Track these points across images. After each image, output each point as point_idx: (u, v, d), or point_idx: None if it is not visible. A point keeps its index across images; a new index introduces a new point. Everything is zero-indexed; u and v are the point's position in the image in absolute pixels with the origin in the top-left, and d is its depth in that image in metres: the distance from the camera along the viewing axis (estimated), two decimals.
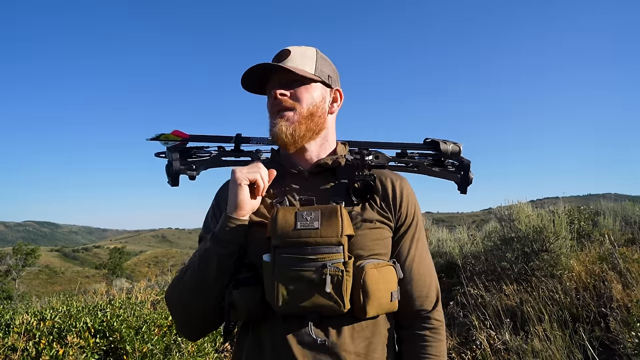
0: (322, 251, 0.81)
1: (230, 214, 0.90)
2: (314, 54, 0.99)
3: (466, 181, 1.10)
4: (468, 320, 3.56)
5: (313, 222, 0.83)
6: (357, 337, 0.85)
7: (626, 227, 6.76)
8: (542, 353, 2.68)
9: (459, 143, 1.13)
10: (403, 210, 0.95)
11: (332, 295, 0.80)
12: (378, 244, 0.90)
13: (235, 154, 1.15)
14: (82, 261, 66.69)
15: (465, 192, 1.11)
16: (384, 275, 0.86)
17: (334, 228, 0.82)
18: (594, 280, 3.87)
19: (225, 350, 3.14)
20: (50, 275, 37.73)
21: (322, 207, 0.86)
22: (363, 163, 0.98)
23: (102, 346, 2.54)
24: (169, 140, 1.15)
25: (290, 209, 0.87)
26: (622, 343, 2.68)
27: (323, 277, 0.79)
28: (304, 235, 0.82)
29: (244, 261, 0.92)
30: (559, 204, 6.06)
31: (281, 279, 0.82)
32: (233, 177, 0.90)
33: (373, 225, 0.90)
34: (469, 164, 1.11)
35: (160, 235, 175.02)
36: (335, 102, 1.02)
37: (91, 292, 7.24)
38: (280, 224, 0.84)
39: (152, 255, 55.96)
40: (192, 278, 0.90)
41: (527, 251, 4.47)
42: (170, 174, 1.09)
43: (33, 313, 2.93)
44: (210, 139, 1.17)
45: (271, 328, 0.86)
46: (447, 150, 1.11)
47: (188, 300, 0.90)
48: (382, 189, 0.96)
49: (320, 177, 0.98)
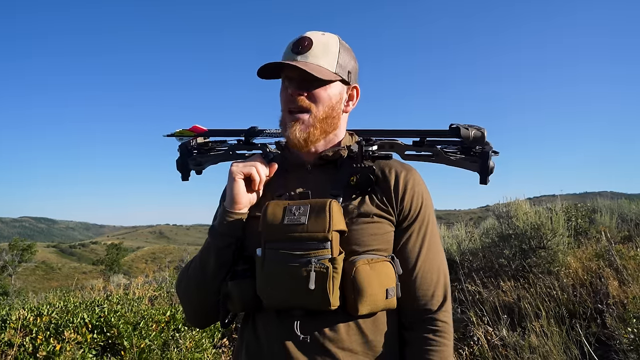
0: (309, 247, 0.79)
1: (227, 208, 0.91)
2: (336, 45, 0.92)
3: (485, 170, 0.97)
4: (466, 316, 3.57)
5: (300, 217, 0.81)
6: (354, 334, 0.83)
7: (622, 224, 6.80)
8: (539, 349, 2.69)
9: (482, 128, 1.02)
10: (406, 204, 0.90)
11: (316, 292, 0.78)
12: (375, 239, 0.86)
13: (247, 147, 1.14)
14: (79, 257, 66.56)
15: (485, 183, 0.98)
16: (378, 271, 0.83)
17: (321, 223, 0.80)
18: (591, 276, 3.90)
19: (223, 346, 3.14)
20: (47, 271, 37.64)
21: (313, 202, 0.84)
22: (362, 154, 0.93)
23: (99, 342, 2.53)
24: (184, 136, 1.17)
25: (280, 203, 0.85)
26: (618, 339, 2.69)
27: (307, 274, 0.77)
28: (290, 230, 0.81)
29: (243, 254, 0.92)
30: (556, 201, 6.08)
31: (268, 273, 0.82)
32: (229, 172, 0.91)
33: (370, 220, 0.87)
34: (489, 152, 0.99)
35: (157, 231, 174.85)
36: (352, 100, 0.97)
37: (88, 288, 7.22)
38: (269, 219, 0.83)
39: (150, 251, 55.93)
40: (194, 271, 0.93)
41: (525, 248, 4.49)
42: (178, 169, 1.14)
43: (30, 309, 2.92)
44: (228, 132, 1.17)
45: (265, 321, 0.87)
46: (468, 136, 0.99)
47: (192, 292, 0.93)
48: (383, 181, 0.91)
49: (324, 170, 0.95)
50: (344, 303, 0.81)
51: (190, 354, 2.76)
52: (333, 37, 0.93)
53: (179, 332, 2.89)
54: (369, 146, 0.95)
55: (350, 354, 0.82)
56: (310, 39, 0.89)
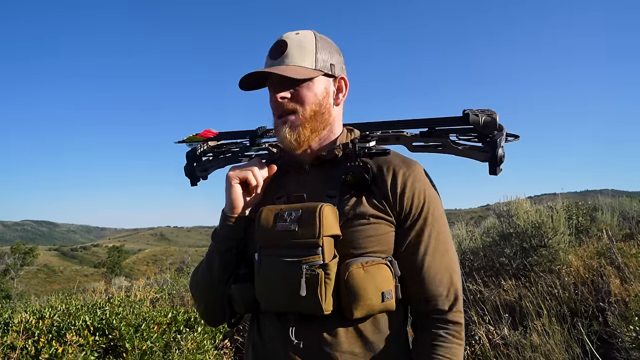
0: (300, 253, 0.78)
1: (226, 212, 0.92)
2: (312, 41, 0.89)
3: (494, 160, 0.89)
4: (467, 315, 3.56)
5: (292, 223, 0.80)
6: (352, 337, 0.82)
7: (624, 222, 6.79)
8: (540, 347, 2.69)
9: (494, 112, 0.93)
10: (406, 203, 0.86)
11: (308, 298, 0.77)
12: (372, 240, 0.83)
13: (253, 149, 1.15)
14: (81, 260, 66.62)
15: (495, 173, 0.91)
16: (373, 274, 0.80)
17: (311, 229, 0.78)
18: (592, 275, 3.89)
19: (224, 347, 3.15)
20: (49, 274, 37.66)
21: (304, 206, 0.82)
22: (355, 152, 0.90)
23: (101, 344, 2.54)
24: (194, 142, 1.20)
25: (273, 209, 0.85)
26: (620, 337, 2.69)
27: (298, 280, 0.77)
28: (281, 237, 0.81)
29: (245, 256, 0.94)
30: (557, 199, 6.07)
31: (264, 279, 0.82)
32: (226, 177, 0.92)
33: (366, 221, 0.84)
34: (497, 140, 0.90)
35: (158, 233, 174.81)
36: (340, 91, 0.94)
37: (90, 290, 7.23)
38: (262, 225, 0.83)
39: (151, 254, 55.92)
40: (202, 273, 0.96)
41: (526, 247, 4.48)
42: (186, 175, 1.17)
43: (32, 312, 2.92)
44: (239, 134, 1.18)
45: (268, 323, 0.88)
46: (478, 122, 0.92)
47: (201, 294, 0.98)
48: (380, 179, 0.88)
49: (321, 170, 0.94)
50: (339, 307, 0.80)
51: (192, 356, 2.76)
52: (308, 33, 0.90)
53: (181, 334, 2.89)
54: (365, 142, 0.92)
55: (351, 356, 0.81)
56: (285, 42, 0.88)
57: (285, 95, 0.88)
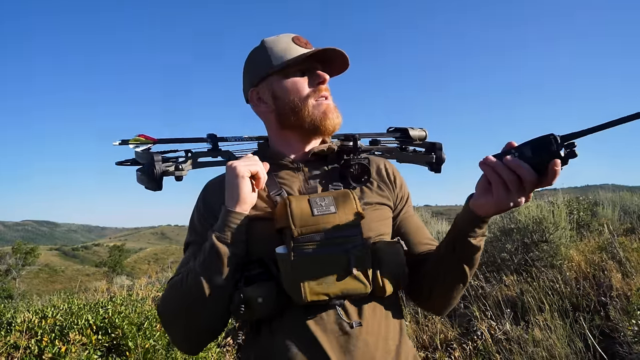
0: (344, 234, 0.81)
1: (235, 209, 0.84)
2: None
3: (440, 160, 1.15)
4: (469, 311, 3.57)
5: (329, 206, 0.83)
6: (376, 317, 0.85)
7: (625, 216, 6.80)
8: (543, 342, 2.69)
9: (424, 128, 1.20)
10: (398, 190, 1.00)
11: (359, 277, 0.80)
12: (382, 224, 0.92)
13: (212, 153, 1.07)
14: (82, 259, 66.73)
15: (439, 171, 1.16)
16: (395, 251, 0.87)
17: (351, 211, 0.83)
18: (594, 269, 3.89)
19: (227, 345, 3.15)
20: (51, 273, 37.75)
21: (334, 193, 0.87)
22: (356, 147, 0.98)
23: (104, 343, 2.54)
24: (139, 143, 1.05)
25: (301, 197, 0.85)
26: (622, 331, 2.70)
27: (348, 261, 0.80)
28: (323, 221, 0.81)
29: (250, 258, 0.86)
30: (558, 195, 6.07)
31: (304, 268, 0.79)
32: (234, 171, 0.85)
33: (374, 208, 0.93)
34: (441, 144, 1.17)
35: (159, 232, 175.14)
36: None
37: (92, 289, 7.24)
38: (297, 213, 0.81)
39: (152, 252, 56.00)
40: (201, 285, 0.81)
41: (527, 242, 4.49)
42: (153, 177, 0.98)
43: (34, 311, 2.92)
44: (180, 140, 1.08)
45: (292, 322, 0.83)
46: (415, 136, 1.17)
47: (198, 310, 0.83)
48: (377, 171, 1.00)
49: (311, 166, 0.97)
50: (373, 286, 0.83)
51: None
52: None
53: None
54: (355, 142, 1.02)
55: (378, 338, 0.83)
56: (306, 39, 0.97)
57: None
